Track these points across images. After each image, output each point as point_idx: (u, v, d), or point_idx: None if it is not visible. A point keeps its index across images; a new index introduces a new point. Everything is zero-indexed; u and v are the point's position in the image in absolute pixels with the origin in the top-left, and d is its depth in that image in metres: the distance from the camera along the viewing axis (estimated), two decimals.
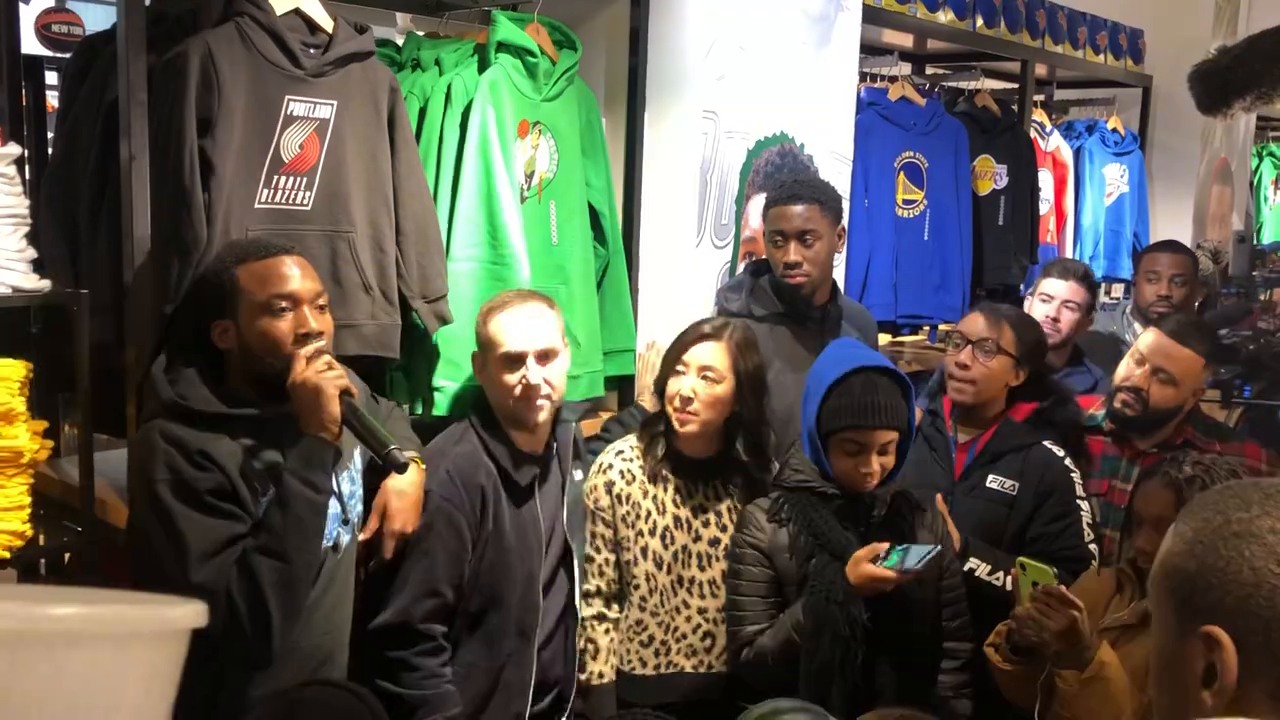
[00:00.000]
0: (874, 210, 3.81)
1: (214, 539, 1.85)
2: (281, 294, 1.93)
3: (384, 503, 2.16)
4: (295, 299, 1.94)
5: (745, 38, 3.04)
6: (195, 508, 1.85)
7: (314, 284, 1.98)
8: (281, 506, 1.87)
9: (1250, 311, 3.72)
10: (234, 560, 1.85)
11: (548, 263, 2.74)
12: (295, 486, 1.87)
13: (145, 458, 1.88)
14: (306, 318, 1.94)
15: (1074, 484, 2.63)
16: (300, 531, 1.88)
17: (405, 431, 2.31)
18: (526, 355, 2.27)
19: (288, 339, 1.92)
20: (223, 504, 1.87)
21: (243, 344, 1.94)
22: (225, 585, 1.83)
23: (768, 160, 3.18)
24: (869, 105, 3.84)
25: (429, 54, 2.66)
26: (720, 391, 2.40)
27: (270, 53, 2.21)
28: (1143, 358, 2.73)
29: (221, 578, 1.84)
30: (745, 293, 2.89)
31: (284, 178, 2.25)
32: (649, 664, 2.43)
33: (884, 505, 2.35)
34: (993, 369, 2.67)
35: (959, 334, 2.74)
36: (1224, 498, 1.04)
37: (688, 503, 2.46)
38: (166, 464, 1.86)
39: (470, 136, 2.52)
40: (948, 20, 4.01)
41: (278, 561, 1.85)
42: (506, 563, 2.30)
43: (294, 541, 1.87)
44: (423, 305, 2.44)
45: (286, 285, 1.94)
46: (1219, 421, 3.13)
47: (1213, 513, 1.03)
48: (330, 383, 1.89)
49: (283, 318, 1.93)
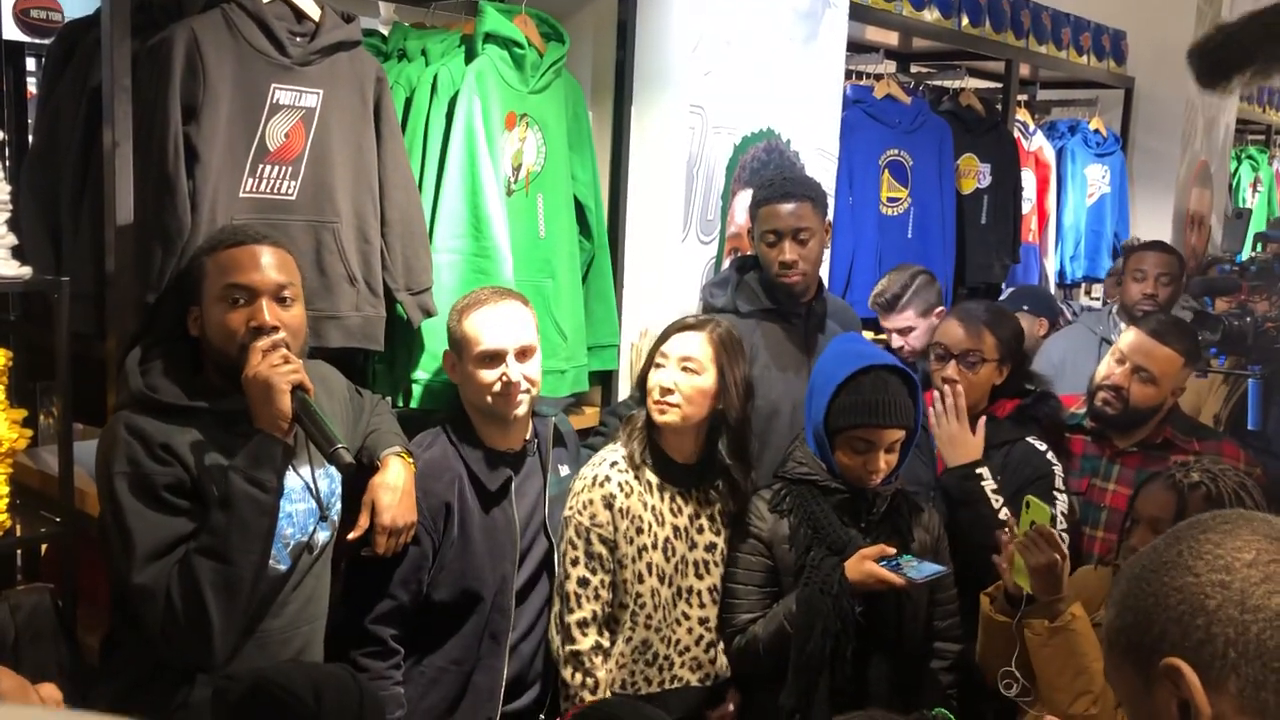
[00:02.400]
0: (858, 207, 3.81)
1: (163, 538, 1.82)
2: (238, 284, 1.90)
3: (372, 499, 2.14)
4: (252, 290, 1.90)
5: (732, 33, 3.03)
6: (149, 504, 1.82)
7: (280, 276, 1.93)
8: (224, 506, 1.82)
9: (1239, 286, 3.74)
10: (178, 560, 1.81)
11: (534, 256, 2.73)
12: (239, 485, 1.83)
13: (107, 449, 1.86)
14: (261, 310, 1.89)
15: (1054, 476, 2.64)
16: (244, 532, 1.82)
17: (391, 427, 2.29)
18: (506, 353, 2.26)
19: (239, 330, 1.89)
20: (178, 500, 1.84)
21: (204, 333, 1.92)
22: (166, 585, 1.79)
23: (754, 156, 3.18)
24: (854, 102, 3.84)
25: (415, 44, 2.65)
26: (701, 384, 2.37)
27: (256, 40, 2.18)
28: (1123, 356, 2.75)
29: (164, 579, 1.80)
30: (731, 288, 2.88)
31: (269, 167, 2.23)
32: (654, 681, 2.39)
33: (884, 502, 2.37)
34: (980, 377, 2.69)
35: (941, 346, 2.73)
36: (1142, 555, 1.08)
37: (683, 511, 2.43)
38: (127, 456, 1.83)
39: (456, 127, 2.50)
40: (933, 19, 4.02)
41: (219, 563, 1.80)
42: (476, 567, 2.28)
43: (237, 542, 1.81)
44: (407, 297, 2.43)
45: (245, 276, 1.90)
46: (1198, 420, 3.15)
47: (1134, 568, 1.07)
48: (282, 378, 1.85)
49: (237, 308, 1.90)
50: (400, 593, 2.22)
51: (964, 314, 2.77)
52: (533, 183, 2.72)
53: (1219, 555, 1.00)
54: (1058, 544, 2.08)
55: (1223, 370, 3.66)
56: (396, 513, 2.14)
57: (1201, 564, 1.01)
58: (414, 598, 2.24)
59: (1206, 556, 1.01)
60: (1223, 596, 0.98)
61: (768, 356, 2.80)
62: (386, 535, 2.14)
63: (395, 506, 2.14)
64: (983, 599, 2.24)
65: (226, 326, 1.90)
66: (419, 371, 2.52)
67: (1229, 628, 0.97)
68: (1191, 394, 3.56)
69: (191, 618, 1.80)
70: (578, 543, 2.35)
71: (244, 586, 1.84)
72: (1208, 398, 3.76)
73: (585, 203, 2.88)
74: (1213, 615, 0.98)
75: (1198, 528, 1.05)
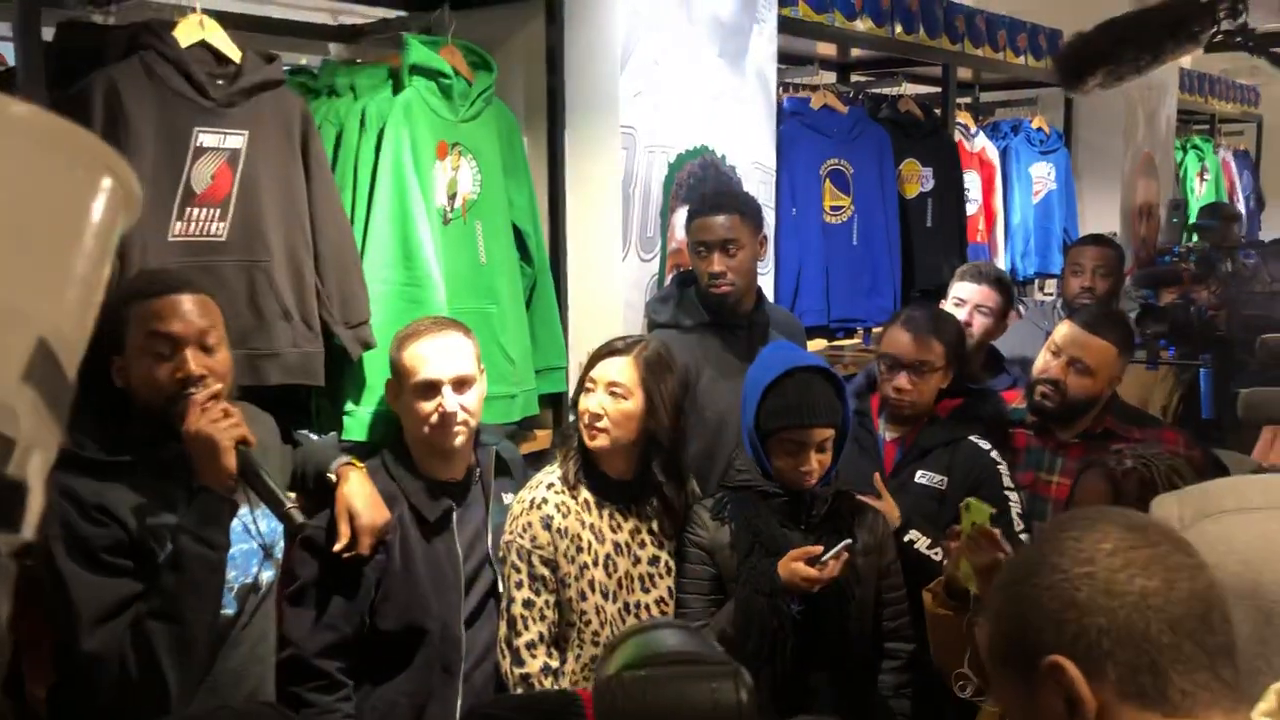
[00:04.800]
0: (802, 218, 3.85)
1: (108, 601, 1.80)
2: (159, 334, 1.87)
3: (346, 507, 2.16)
4: (175, 340, 1.88)
5: (660, 53, 3.07)
6: (89, 567, 1.80)
7: (202, 322, 1.91)
8: (176, 568, 1.81)
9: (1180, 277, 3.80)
10: (128, 624, 1.79)
11: (477, 283, 2.75)
12: (189, 546, 1.81)
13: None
14: (186, 360, 1.87)
15: (1001, 476, 2.68)
16: (196, 592, 1.82)
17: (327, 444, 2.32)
18: (442, 384, 2.27)
19: (165, 381, 1.87)
20: (119, 560, 1.82)
21: (129, 383, 1.91)
22: (119, 650, 1.78)
23: (690, 173, 3.21)
24: (792, 115, 3.89)
25: (344, 80, 2.67)
26: (628, 407, 2.38)
27: (177, 85, 2.20)
28: (1058, 349, 2.78)
29: (115, 642, 1.78)
30: (673, 304, 2.92)
31: (197, 209, 2.24)
32: None
33: (824, 504, 2.39)
34: (930, 385, 2.73)
35: (889, 356, 2.74)
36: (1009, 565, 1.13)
37: (624, 526, 2.44)
38: (61, 520, 1.79)
39: (383, 159, 2.52)
40: (866, 28, 4.07)
41: (173, 625, 1.79)
42: (421, 597, 2.29)
43: (190, 603, 1.81)
44: (344, 331, 2.44)
45: (167, 325, 1.87)
46: (1139, 409, 3.20)
47: (1004, 579, 1.10)
48: (225, 435, 1.83)
49: (161, 359, 1.88)
50: (343, 625, 2.23)
51: (910, 323, 2.77)
52: (470, 211, 2.75)
53: (1081, 549, 1.03)
54: (1000, 543, 2.10)
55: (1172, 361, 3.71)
56: (374, 513, 2.18)
57: (1066, 560, 1.03)
58: (357, 630, 2.25)
59: (1070, 553, 1.04)
60: (1090, 587, 1.01)
61: (712, 369, 2.84)
62: (369, 535, 2.16)
63: (370, 508, 2.18)
64: (925, 595, 2.26)
65: (152, 378, 1.88)
66: (361, 405, 2.53)
67: (1099, 616, 1.00)
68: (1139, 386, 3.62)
69: (148, 681, 1.79)
70: (520, 565, 2.36)
71: (199, 646, 1.84)
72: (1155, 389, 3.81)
73: (524, 228, 2.91)
74: (1083, 607, 1.01)
75: (1058, 528, 1.09)
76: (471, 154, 2.74)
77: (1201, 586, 1.02)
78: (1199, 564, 1.04)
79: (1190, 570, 1.03)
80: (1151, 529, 1.06)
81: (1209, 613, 1.01)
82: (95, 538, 1.81)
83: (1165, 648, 0.99)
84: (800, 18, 3.76)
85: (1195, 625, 1.00)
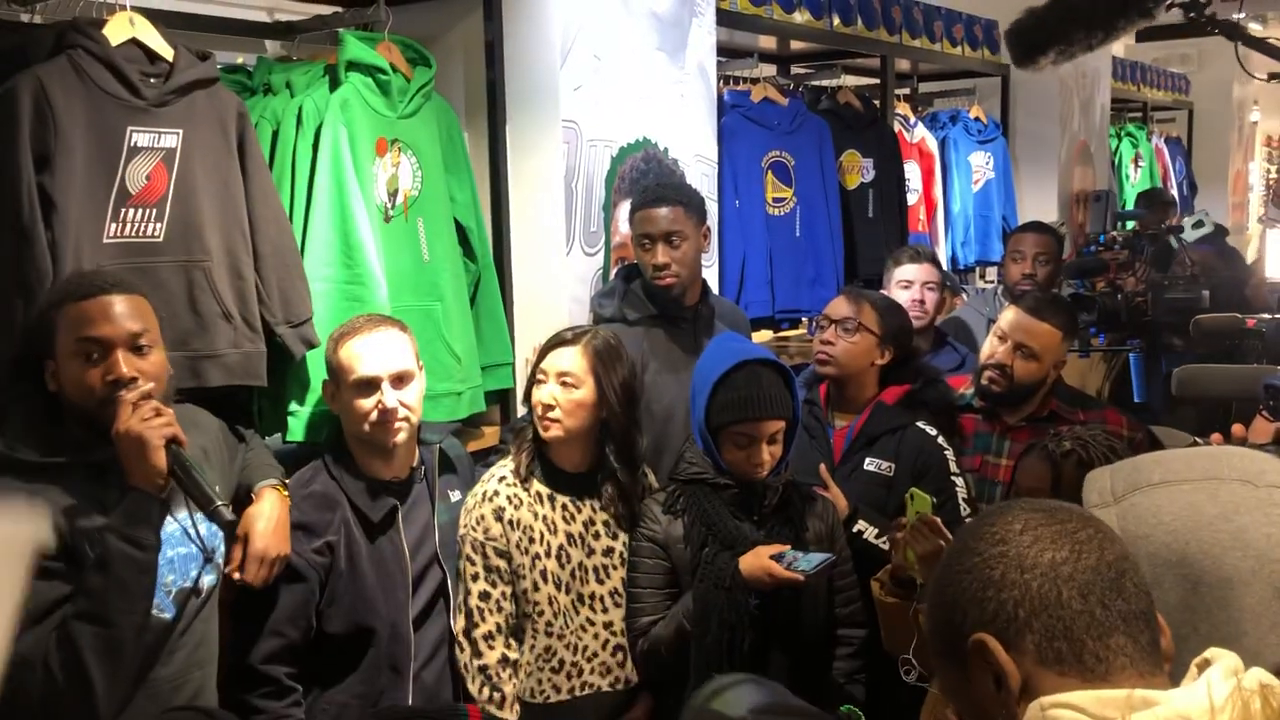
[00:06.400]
0: (745, 210, 3.86)
1: (37, 604, 1.74)
2: (89, 338, 1.84)
3: (245, 529, 2.12)
4: (105, 343, 1.84)
5: (599, 47, 3.07)
6: None
7: (133, 325, 1.87)
8: (102, 568, 1.77)
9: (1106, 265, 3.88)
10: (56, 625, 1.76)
11: (421, 280, 2.73)
12: (116, 545, 1.77)
13: None
14: (117, 362, 1.84)
15: (947, 461, 2.70)
16: (123, 593, 1.77)
17: (265, 460, 2.28)
18: (381, 380, 2.26)
19: (96, 385, 1.83)
20: (49, 563, 1.77)
21: (61, 387, 1.87)
22: (45, 653, 1.73)
23: (632, 166, 3.21)
24: (732, 108, 3.89)
25: (280, 77, 2.64)
26: (580, 397, 2.40)
27: (108, 84, 2.16)
28: (1004, 334, 2.82)
29: (41, 646, 1.74)
30: (618, 298, 2.91)
31: (132, 210, 2.20)
32: (563, 689, 2.40)
33: (775, 494, 2.40)
34: (855, 344, 2.75)
35: (824, 317, 2.82)
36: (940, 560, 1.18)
37: (577, 518, 2.44)
38: None
39: (322, 156, 2.49)
40: (804, 20, 4.09)
41: (99, 627, 1.75)
42: (368, 598, 2.27)
43: (116, 604, 1.77)
44: (287, 330, 2.41)
45: (96, 328, 1.84)
46: (1082, 391, 3.24)
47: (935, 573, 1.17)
48: (155, 433, 1.80)
49: (92, 362, 1.84)
50: (289, 630, 2.21)
51: (851, 291, 2.89)
52: (411, 207, 2.72)
53: (994, 532, 1.10)
54: (942, 531, 2.12)
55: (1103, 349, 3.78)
56: (269, 542, 2.12)
57: (983, 544, 1.10)
58: (304, 634, 2.23)
59: (986, 537, 1.11)
60: (1004, 565, 1.08)
61: (658, 362, 2.83)
62: (258, 564, 2.11)
63: (268, 535, 2.12)
64: (872, 585, 2.28)
65: (83, 382, 1.84)
66: (304, 405, 2.50)
67: (1014, 590, 1.06)
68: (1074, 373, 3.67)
69: (74, 684, 1.74)
70: (475, 558, 2.37)
71: (126, 648, 1.79)
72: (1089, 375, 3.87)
73: (466, 224, 2.89)
74: (999, 584, 1.07)
75: (977, 520, 1.16)
76: (411, 150, 2.72)
77: (1112, 556, 1.08)
78: (1109, 536, 1.10)
79: (1099, 541, 1.09)
80: (1060, 509, 1.13)
81: (1120, 579, 1.07)
82: None
83: (1078, 614, 1.04)
84: (739, 10, 3.78)
85: (1105, 591, 1.05)
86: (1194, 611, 1.43)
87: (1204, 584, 1.45)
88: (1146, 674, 1.04)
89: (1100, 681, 1.02)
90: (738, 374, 2.35)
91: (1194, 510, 1.51)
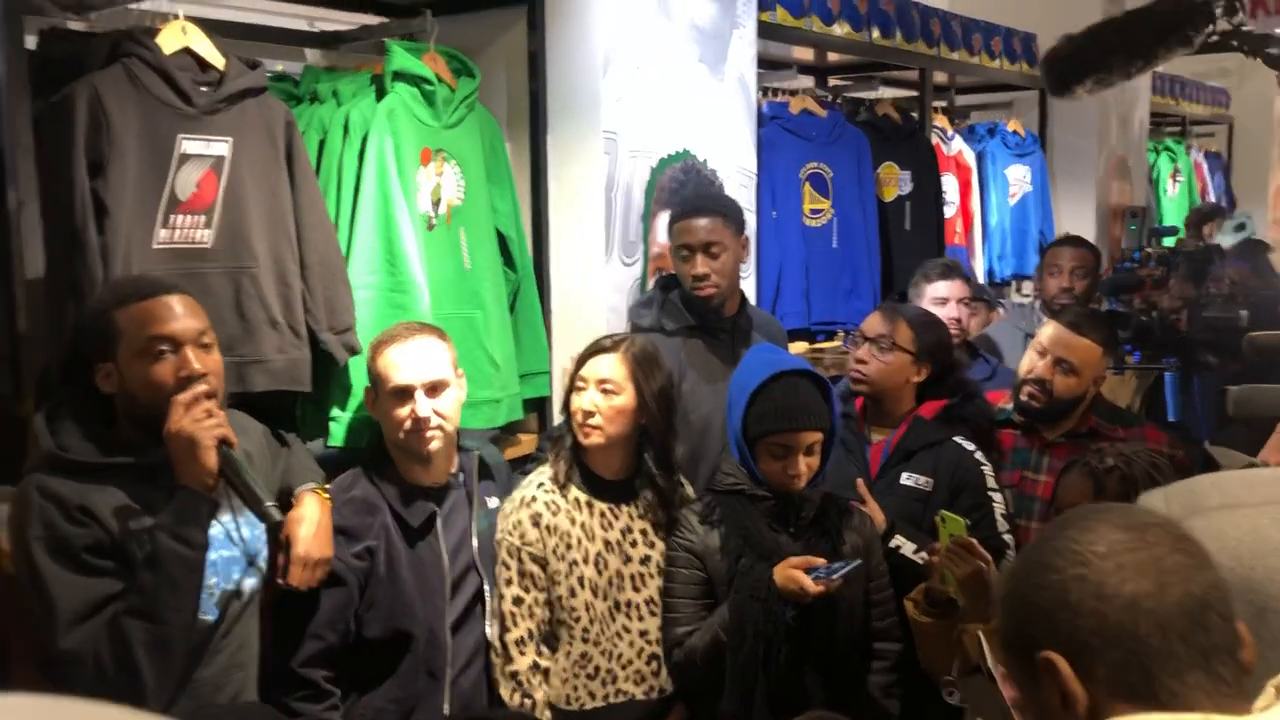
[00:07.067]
0: (782, 221, 3.86)
1: (87, 600, 1.79)
2: (161, 335, 1.87)
3: (288, 534, 2.15)
4: (176, 340, 1.88)
5: (641, 58, 3.08)
6: (69, 566, 1.79)
7: (197, 322, 1.91)
8: (153, 566, 1.80)
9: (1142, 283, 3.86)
10: (105, 623, 1.79)
11: (462, 288, 2.75)
12: (167, 544, 1.80)
13: (21, 514, 1.82)
14: (189, 359, 1.87)
15: (985, 477, 2.69)
16: (173, 591, 1.80)
17: (307, 464, 2.30)
18: (415, 388, 2.27)
19: (169, 382, 1.86)
20: (100, 561, 1.81)
21: (124, 388, 1.89)
22: (95, 649, 1.76)
23: (671, 177, 3.22)
24: (771, 119, 3.90)
25: (326, 86, 2.67)
26: (620, 403, 2.41)
27: (160, 92, 2.19)
28: (1044, 349, 2.81)
29: (92, 641, 1.77)
30: (656, 308, 2.92)
31: (182, 216, 2.24)
32: (597, 696, 2.41)
33: (813, 507, 2.40)
34: (889, 363, 2.74)
35: (859, 333, 2.81)
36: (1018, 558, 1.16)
37: (615, 525, 2.45)
38: (42, 521, 1.79)
39: (368, 165, 2.52)
40: (843, 33, 4.09)
41: (149, 623, 1.78)
42: (406, 603, 2.29)
43: (167, 601, 1.80)
44: (330, 337, 2.43)
45: (166, 326, 1.87)
46: (1121, 408, 3.23)
47: (1010, 572, 1.15)
48: (206, 433, 1.82)
49: (163, 360, 1.87)
50: (328, 634, 2.23)
51: (887, 307, 2.89)
52: (454, 216, 2.75)
53: (1076, 550, 1.07)
54: (979, 552, 2.13)
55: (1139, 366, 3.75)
56: (311, 545, 2.14)
57: (1062, 560, 1.07)
58: (343, 638, 2.25)
59: (1065, 553, 1.07)
60: (1080, 590, 1.05)
61: (695, 372, 2.84)
62: (301, 567, 2.14)
63: (310, 539, 2.15)
64: (906, 605, 2.28)
65: (153, 379, 1.86)
66: (346, 410, 2.52)
67: (1090, 619, 1.03)
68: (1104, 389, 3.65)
69: (124, 680, 1.77)
70: (510, 563, 2.38)
71: (175, 645, 1.82)
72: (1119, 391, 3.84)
73: (507, 233, 2.91)
74: (1075, 608, 1.04)
75: (1060, 525, 1.12)
76: (455, 160, 2.74)
77: (1198, 589, 1.04)
78: (1198, 564, 1.06)
79: (1186, 572, 1.05)
80: (1150, 528, 1.09)
81: (1204, 613, 1.03)
82: (76, 538, 1.80)
83: (1155, 651, 1.01)
84: (778, 23, 3.78)
85: (1188, 627, 1.02)
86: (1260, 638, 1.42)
87: (1271, 610, 1.42)
88: (1226, 707, 1.01)
89: (1176, 713, 1.00)
90: (775, 385, 2.35)
91: (1259, 535, 1.48)
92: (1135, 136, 6.24)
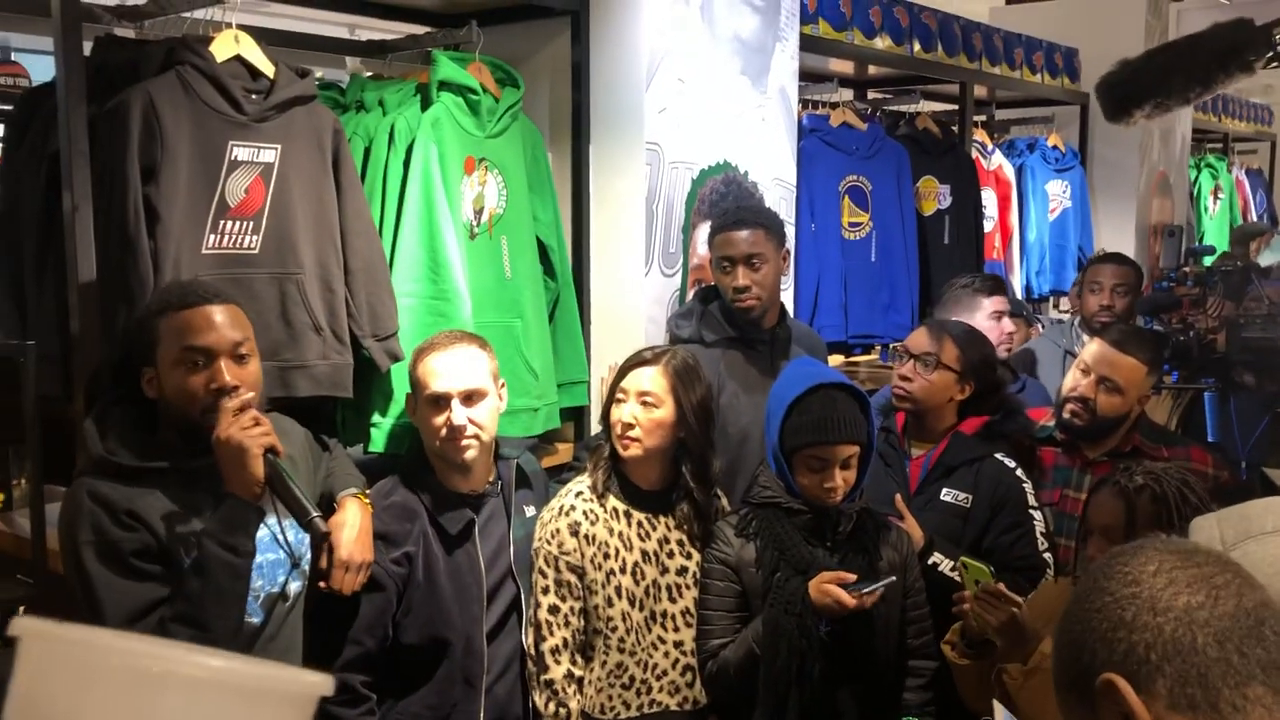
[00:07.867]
0: (821, 234, 3.86)
1: (134, 605, 1.81)
2: (194, 346, 1.88)
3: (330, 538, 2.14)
4: (209, 352, 1.89)
5: (684, 70, 3.09)
6: (118, 571, 1.81)
7: (235, 334, 1.92)
8: (199, 573, 1.82)
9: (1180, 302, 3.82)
10: (152, 628, 1.80)
11: (502, 297, 2.77)
12: (213, 551, 1.82)
13: (71, 517, 1.84)
14: (221, 371, 1.88)
15: (1025, 495, 2.67)
16: (219, 598, 1.82)
17: (348, 469, 2.31)
18: (451, 397, 2.28)
19: (200, 393, 1.88)
20: (148, 566, 1.83)
21: (163, 395, 1.91)
22: None
23: (712, 189, 3.22)
24: (811, 132, 3.90)
25: (372, 95, 2.69)
26: (659, 416, 2.41)
27: (212, 99, 2.22)
28: (1088, 367, 2.78)
29: None
30: (695, 319, 2.92)
31: (230, 222, 2.26)
32: (632, 705, 2.40)
33: (849, 521, 2.39)
34: (933, 382, 2.73)
35: (903, 348, 2.80)
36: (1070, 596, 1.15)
37: (652, 535, 2.45)
38: (92, 525, 1.81)
39: (412, 173, 2.54)
40: (885, 46, 4.09)
41: (196, 630, 1.79)
42: (444, 610, 2.29)
43: (213, 609, 1.81)
44: (373, 343, 2.45)
45: (201, 338, 1.89)
46: (1165, 428, 3.19)
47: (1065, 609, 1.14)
48: (254, 441, 1.83)
49: (196, 370, 1.88)
50: (366, 639, 2.24)
51: (933, 323, 2.86)
52: (496, 225, 2.76)
53: (1127, 572, 1.08)
54: (1009, 596, 2.10)
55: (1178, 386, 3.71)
56: (353, 549, 2.15)
57: (1114, 583, 1.08)
58: (380, 644, 2.26)
59: (1117, 576, 1.09)
60: (1135, 606, 1.05)
61: (734, 384, 2.84)
62: (344, 570, 2.14)
63: (352, 543, 2.15)
64: (944, 648, 2.27)
65: (186, 389, 1.89)
66: (387, 416, 2.54)
67: (1146, 633, 1.04)
68: None
69: None
70: (547, 571, 2.38)
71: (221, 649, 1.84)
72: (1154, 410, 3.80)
73: (548, 243, 2.92)
74: (1131, 625, 1.05)
75: (1110, 556, 1.13)
76: (498, 169, 2.75)
77: (1251, 603, 1.04)
78: (1248, 582, 1.07)
79: (1237, 586, 1.05)
80: (1197, 552, 1.10)
81: (1259, 626, 1.03)
82: (124, 542, 1.82)
83: (1213, 661, 1.01)
84: (820, 35, 3.79)
85: (1244, 638, 1.02)
86: None
87: None
88: None
89: None
90: (812, 397, 2.34)
91: None
92: (1177, 153, 6.19)
